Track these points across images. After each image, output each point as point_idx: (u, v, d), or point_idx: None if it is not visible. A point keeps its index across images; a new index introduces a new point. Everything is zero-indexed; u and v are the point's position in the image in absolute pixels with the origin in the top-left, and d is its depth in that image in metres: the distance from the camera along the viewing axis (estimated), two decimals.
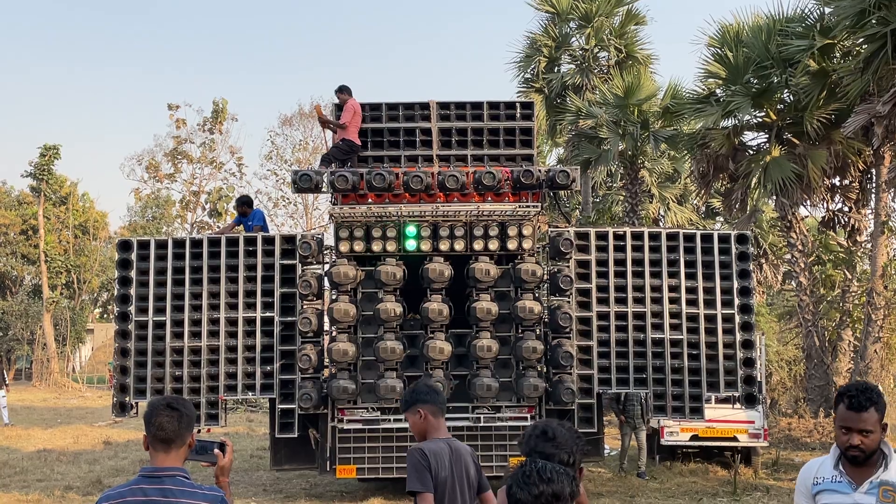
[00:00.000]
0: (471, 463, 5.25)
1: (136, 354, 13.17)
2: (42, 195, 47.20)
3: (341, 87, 14.12)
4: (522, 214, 13.37)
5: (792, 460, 18.14)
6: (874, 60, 18.42)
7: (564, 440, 3.57)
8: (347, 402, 13.14)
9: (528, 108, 14.31)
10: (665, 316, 13.38)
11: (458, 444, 5.31)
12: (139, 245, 13.47)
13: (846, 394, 4.15)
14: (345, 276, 12.91)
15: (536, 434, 3.60)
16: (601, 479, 16.01)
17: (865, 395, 4.12)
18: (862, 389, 4.16)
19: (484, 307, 12.85)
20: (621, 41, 29.24)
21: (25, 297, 50.55)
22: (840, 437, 4.17)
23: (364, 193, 13.21)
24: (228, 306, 13.31)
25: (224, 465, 4.16)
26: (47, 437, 22.27)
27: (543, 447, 3.54)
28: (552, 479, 3.05)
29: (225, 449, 4.19)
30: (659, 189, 30.95)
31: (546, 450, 3.53)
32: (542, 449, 3.54)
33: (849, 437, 4.12)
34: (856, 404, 4.10)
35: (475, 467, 5.28)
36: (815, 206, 24.07)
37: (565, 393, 12.76)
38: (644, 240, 13.55)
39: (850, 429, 4.11)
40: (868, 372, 21.06)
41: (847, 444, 4.13)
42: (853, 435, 4.10)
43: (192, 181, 51.00)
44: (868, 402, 4.09)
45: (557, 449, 3.54)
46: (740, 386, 13.37)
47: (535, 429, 3.63)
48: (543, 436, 3.59)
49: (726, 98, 21.83)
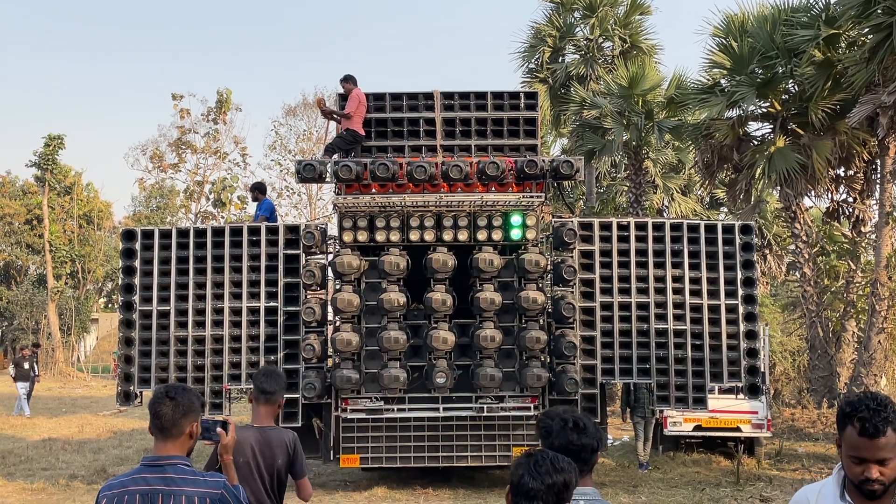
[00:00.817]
0: (281, 453, 5.32)
1: (141, 344, 13.21)
2: (46, 185, 47.25)
3: (346, 77, 14.08)
4: (526, 204, 13.37)
5: (795, 451, 18.15)
6: (879, 50, 18.36)
7: (593, 430, 3.55)
8: (351, 392, 13.17)
9: (533, 98, 14.30)
10: (669, 306, 13.39)
11: (272, 433, 5.39)
12: (143, 235, 13.49)
13: (855, 415, 3.22)
14: (348, 266, 12.92)
15: (569, 427, 3.53)
16: (604, 470, 16.04)
17: (880, 415, 3.18)
18: (874, 408, 3.19)
19: (487, 297, 12.85)
20: (626, 31, 29.18)
21: (30, 287, 50.67)
22: (852, 468, 3.26)
23: (368, 183, 13.22)
24: (232, 296, 13.34)
25: (227, 443, 4.21)
26: (52, 427, 22.35)
27: (578, 438, 3.50)
28: (564, 469, 3.06)
29: (227, 428, 4.23)
30: (663, 179, 30.90)
31: (582, 441, 3.49)
32: (577, 440, 3.49)
33: (863, 468, 3.21)
34: (870, 429, 3.17)
35: (288, 457, 5.35)
36: (820, 196, 24.03)
37: (568, 383, 12.76)
38: (648, 230, 13.55)
39: (865, 459, 3.20)
40: (871, 362, 21.04)
41: (862, 478, 3.22)
42: (869, 467, 3.20)
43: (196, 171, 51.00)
44: (884, 425, 3.17)
45: (590, 439, 3.51)
46: (744, 376, 13.38)
47: (564, 422, 3.55)
48: (576, 427, 3.52)
49: (731, 88, 21.78)
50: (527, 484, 3.03)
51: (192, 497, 3.78)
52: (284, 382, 5.60)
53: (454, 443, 13.22)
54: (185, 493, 3.78)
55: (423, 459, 13.27)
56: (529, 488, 3.03)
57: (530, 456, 3.10)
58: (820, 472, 15.44)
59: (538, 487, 3.02)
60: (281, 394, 5.51)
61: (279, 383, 5.50)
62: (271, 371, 5.63)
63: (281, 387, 5.51)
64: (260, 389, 5.46)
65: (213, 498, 3.81)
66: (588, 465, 3.48)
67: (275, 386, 5.45)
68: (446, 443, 13.20)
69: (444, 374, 12.71)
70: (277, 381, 5.50)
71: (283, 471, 5.37)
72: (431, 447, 13.19)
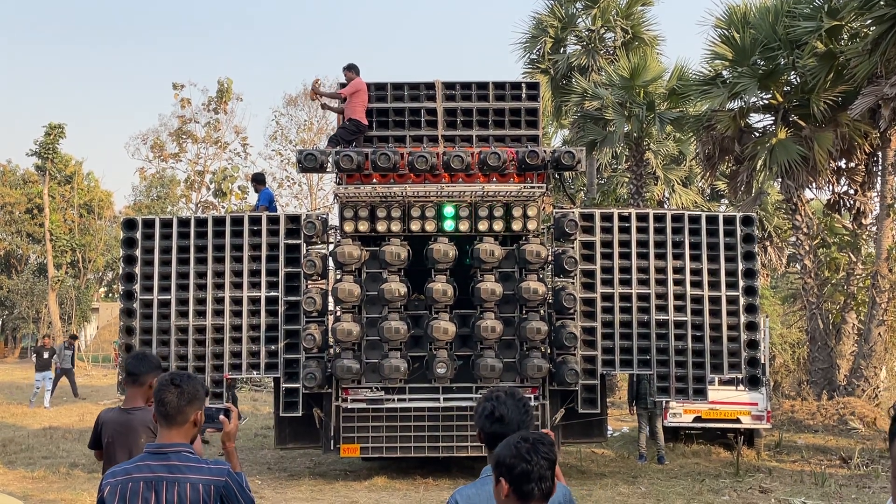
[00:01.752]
0: (144, 432, 5.32)
1: (142, 333, 13.22)
2: (47, 174, 47.22)
3: (349, 66, 14.00)
4: (527, 195, 13.36)
5: (794, 442, 18.18)
6: (882, 42, 18.31)
7: (516, 419, 3.66)
8: (351, 382, 13.19)
9: (534, 89, 14.28)
10: (669, 297, 13.40)
11: (136, 414, 5.40)
12: (144, 224, 13.49)
13: None
14: (349, 256, 12.92)
15: (486, 415, 3.69)
16: (604, 461, 16.07)
17: None
18: None
19: (488, 288, 12.85)
20: (628, 22, 29.10)
21: (31, 276, 50.71)
22: None
23: (369, 173, 13.21)
24: (233, 285, 13.34)
25: (230, 430, 4.23)
26: (53, 415, 22.38)
27: (491, 427, 3.64)
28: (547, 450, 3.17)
29: (230, 415, 4.24)
30: (664, 171, 30.84)
31: (495, 429, 3.62)
32: (489, 428, 3.65)
33: None
34: None
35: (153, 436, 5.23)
36: (821, 188, 24.00)
37: (569, 374, 12.79)
38: (649, 221, 13.54)
39: None
40: (872, 355, 21.07)
41: None
42: None
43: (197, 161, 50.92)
44: None
45: (506, 428, 3.59)
46: (744, 368, 13.40)
47: (487, 411, 3.69)
48: (491, 417, 3.67)
49: (733, 80, 21.72)
50: (515, 467, 3.10)
51: (197, 484, 3.80)
52: (154, 366, 5.51)
53: (454, 433, 13.24)
54: (189, 481, 3.80)
55: (424, 449, 13.29)
56: (524, 470, 3.10)
57: (523, 439, 3.17)
58: (819, 464, 15.47)
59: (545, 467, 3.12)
60: (149, 376, 5.39)
61: (146, 366, 5.47)
62: (141, 354, 5.65)
63: (149, 369, 5.45)
64: (127, 371, 5.53)
65: (217, 485, 3.82)
66: None
67: (141, 368, 5.45)
68: (446, 433, 13.22)
69: (444, 364, 12.73)
70: (145, 364, 5.48)
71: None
72: (432, 437, 13.21)
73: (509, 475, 3.12)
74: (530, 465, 3.09)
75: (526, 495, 3.11)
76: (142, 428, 5.36)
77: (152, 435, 5.27)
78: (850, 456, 15.77)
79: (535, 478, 3.10)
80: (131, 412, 5.44)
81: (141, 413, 5.40)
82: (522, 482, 3.10)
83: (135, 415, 5.41)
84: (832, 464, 15.73)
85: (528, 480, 3.10)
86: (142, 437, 5.32)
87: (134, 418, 5.41)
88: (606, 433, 14.97)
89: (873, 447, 17.31)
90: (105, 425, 5.47)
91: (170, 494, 3.78)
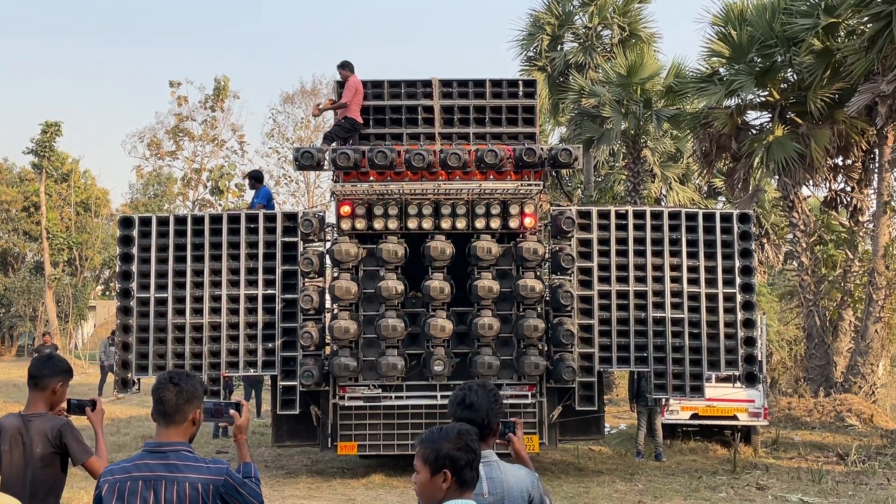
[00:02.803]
0: (40, 442, 5.10)
1: (139, 331, 13.19)
2: (44, 172, 47.13)
3: (343, 63, 14.02)
4: (524, 193, 13.36)
5: (791, 439, 18.20)
6: (879, 39, 18.33)
7: (484, 406, 3.98)
8: (349, 380, 13.18)
9: (531, 87, 14.27)
10: (666, 295, 13.40)
11: (36, 421, 5.15)
12: (141, 222, 13.45)
13: None
14: (346, 254, 12.91)
15: (457, 402, 4.02)
16: (601, 458, 16.09)
17: None
18: None
19: (485, 285, 12.86)
20: (625, 19, 29.10)
21: (27, 274, 50.63)
22: None
23: (366, 171, 13.20)
24: (230, 283, 13.32)
25: (241, 424, 4.25)
26: None
27: (462, 413, 3.97)
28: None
29: (241, 409, 4.26)
30: (661, 168, 30.86)
31: (465, 415, 3.95)
32: (460, 414, 3.97)
33: None
34: None
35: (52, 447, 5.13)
36: (818, 185, 23.99)
37: (566, 371, 12.79)
38: (646, 218, 13.54)
39: None
40: (868, 352, 21.10)
41: None
42: None
43: (194, 159, 50.89)
44: None
45: (476, 415, 3.95)
46: (741, 365, 13.41)
47: (458, 398, 4.03)
48: (462, 404, 3.99)
49: (730, 77, 21.73)
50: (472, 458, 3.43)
51: (195, 483, 3.79)
52: (60, 370, 5.28)
53: None
54: (188, 480, 3.79)
55: None
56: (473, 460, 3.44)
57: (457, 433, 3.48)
58: (816, 461, 15.49)
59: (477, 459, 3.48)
60: (52, 380, 5.21)
61: (49, 369, 5.24)
62: (46, 356, 5.40)
63: (52, 372, 5.23)
64: (29, 374, 5.26)
65: (216, 484, 3.82)
66: (479, 435, 3.75)
67: (43, 371, 5.22)
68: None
69: (441, 361, 12.73)
70: (48, 367, 5.25)
71: (45, 460, 5.13)
72: None
73: (453, 466, 3.38)
74: (471, 454, 3.41)
75: (466, 483, 3.42)
76: (38, 437, 5.10)
77: (50, 444, 5.11)
78: (846, 452, 15.79)
79: (475, 466, 3.45)
80: (30, 419, 5.16)
81: (39, 420, 5.15)
82: (464, 471, 3.40)
83: (33, 422, 5.14)
84: (829, 460, 15.76)
85: (471, 469, 3.42)
86: (37, 446, 5.09)
87: (32, 425, 5.13)
88: (604, 430, 14.99)
89: (870, 444, 17.34)
90: (3, 431, 5.11)
91: (168, 494, 3.78)
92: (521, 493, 3.99)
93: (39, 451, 5.09)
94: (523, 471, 4.11)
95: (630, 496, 12.49)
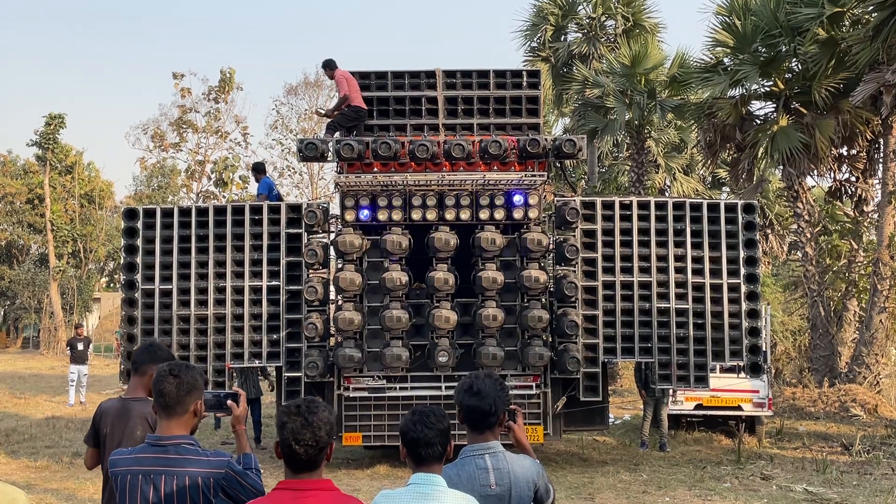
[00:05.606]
0: (140, 424, 5.20)
1: (143, 322, 13.22)
2: (48, 164, 47.13)
3: (325, 64, 14.20)
4: (528, 183, 13.35)
5: (796, 429, 18.21)
6: (884, 28, 18.25)
7: (492, 394, 4.03)
8: (353, 371, 13.21)
9: (535, 77, 14.24)
10: (671, 285, 13.40)
11: (133, 404, 5.26)
12: (145, 213, 13.47)
13: None
14: (350, 245, 12.92)
15: (464, 389, 4.07)
16: (606, 448, 16.10)
17: None
18: None
19: (490, 276, 12.86)
20: (628, 9, 29.01)
21: (32, 266, 50.68)
22: None
23: (370, 162, 13.20)
24: (234, 275, 13.34)
25: (239, 414, 4.25)
26: (55, 405, 22.42)
27: (470, 400, 4.04)
28: (444, 417, 3.80)
29: (238, 399, 4.26)
30: (665, 159, 30.78)
31: (472, 403, 4.03)
32: (467, 401, 4.04)
33: None
34: None
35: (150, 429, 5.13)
36: (822, 175, 23.93)
37: (570, 362, 12.80)
38: (650, 209, 13.53)
39: None
40: (873, 342, 21.08)
41: None
42: None
43: (198, 150, 50.86)
44: None
45: (483, 402, 4.02)
46: (745, 355, 13.41)
47: (466, 385, 4.09)
48: (470, 391, 4.05)
49: (734, 67, 21.66)
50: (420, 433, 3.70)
51: (196, 476, 3.80)
52: (159, 357, 5.23)
53: (456, 421, 13.22)
54: (188, 473, 3.80)
55: None
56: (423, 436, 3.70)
57: (416, 412, 3.76)
58: (820, 451, 15.50)
59: (431, 436, 3.70)
60: (151, 366, 5.15)
61: (148, 356, 5.30)
62: (148, 344, 5.51)
63: (150, 359, 5.25)
64: (131, 360, 5.50)
65: (216, 477, 3.82)
66: (485, 423, 4.03)
67: (143, 357, 5.33)
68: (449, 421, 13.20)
69: (446, 352, 12.74)
70: (147, 354, 5.33)
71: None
72: None
73: (404, 440, 3.72)
74: (417, 433, 3.68)
75: (419, 458, 3.73)
76: (139, 419, 5.24)
77: (149, 427, 5.16)
78: (851, 443, 15.79)
79: (422, 444, 3.69)
80: (130, 402, 5.32)
81: (140, 404, 5.29)
82: (413, 447, 3.71)
83: (133, 405, 5.29)
84: (833, 451, 15.76)
85: (417, 446, 3.70)
86: (138, 428, 5.20)
87: (132, 408, 5.28)
88: (608, 421, 14.99)
89: (874, 434, 17.35)
90: (104, 415, 5.35)
91: (168, 487, 3.78)
92: (528, 483, 4.01)
93: (140, 434, 5.16)
94: (528, 461, 4.12)
95: (634, 486, 12.50)
